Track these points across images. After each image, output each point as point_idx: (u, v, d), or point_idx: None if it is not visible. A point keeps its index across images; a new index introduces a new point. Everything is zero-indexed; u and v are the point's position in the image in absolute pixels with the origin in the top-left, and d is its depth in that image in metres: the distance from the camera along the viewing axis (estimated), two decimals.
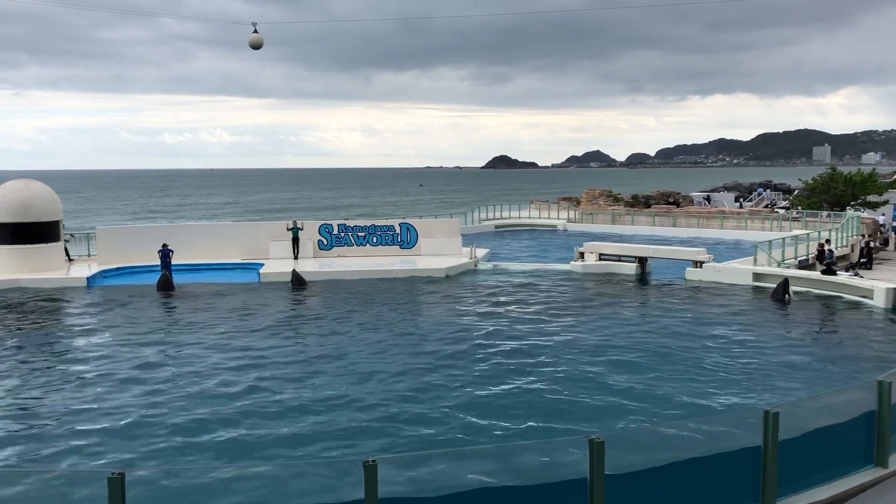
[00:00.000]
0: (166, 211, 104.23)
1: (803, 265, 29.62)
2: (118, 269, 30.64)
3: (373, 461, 6.79)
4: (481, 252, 34.14)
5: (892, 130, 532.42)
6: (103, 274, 29.83)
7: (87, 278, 28.67)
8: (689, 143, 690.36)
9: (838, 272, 26.48)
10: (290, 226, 33.69)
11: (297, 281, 27.89)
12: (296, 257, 32.92)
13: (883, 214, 41.46)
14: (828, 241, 30.27)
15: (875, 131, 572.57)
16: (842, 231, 35.29)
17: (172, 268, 28.15)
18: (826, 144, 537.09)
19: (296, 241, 33.27)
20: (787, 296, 24.18)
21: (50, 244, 30.52)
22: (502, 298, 25.14)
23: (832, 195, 51.08)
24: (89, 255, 33.46)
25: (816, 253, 29.79)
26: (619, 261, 30.80)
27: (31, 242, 29.87)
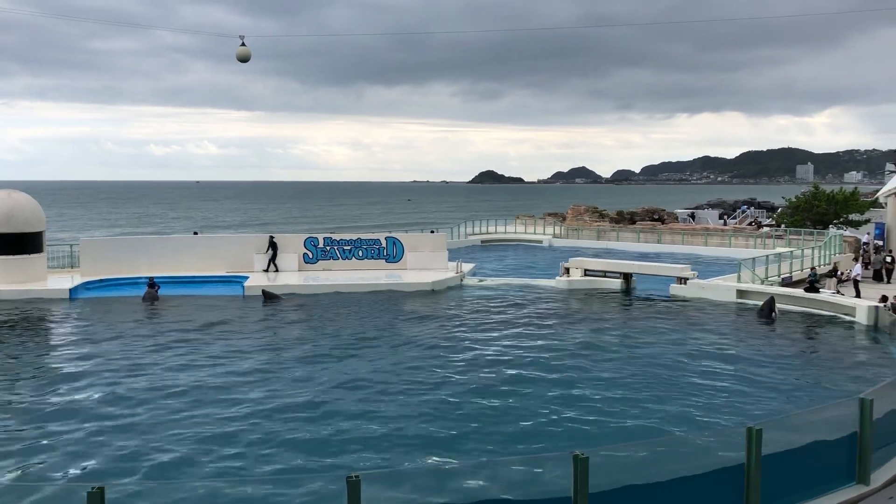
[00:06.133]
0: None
1: (787, 283, 29.79)
2: (101, 280, 30.39)
3: (356, 477, 6.74)
4: (467, 266, 34.15)
5: (874, 150, 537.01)
6: (86, 286, 29.57)
7: (70, 290, 28.42)
8: (674, 160, 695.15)
9: (821, 290, 26.65)
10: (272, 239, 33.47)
11: (269, 297, 27.77)
12: (267, 270, 32.71)
13: (868, 233, 41.78)
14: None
15: (857, 150, 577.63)
16: (824, 249, 35.60)
17: (157, 279, 28.26)
18: (809, 163, 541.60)
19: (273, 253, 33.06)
20: (773, 313, 24.32)
21: (32, 255, 30.23)
22: (488, 313, 25.12)
23: (815, 213, 51.47)
24: (72, 267, 33.18)
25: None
26: (605, 276, 30.91)
27: (14, 253, 29.58)
